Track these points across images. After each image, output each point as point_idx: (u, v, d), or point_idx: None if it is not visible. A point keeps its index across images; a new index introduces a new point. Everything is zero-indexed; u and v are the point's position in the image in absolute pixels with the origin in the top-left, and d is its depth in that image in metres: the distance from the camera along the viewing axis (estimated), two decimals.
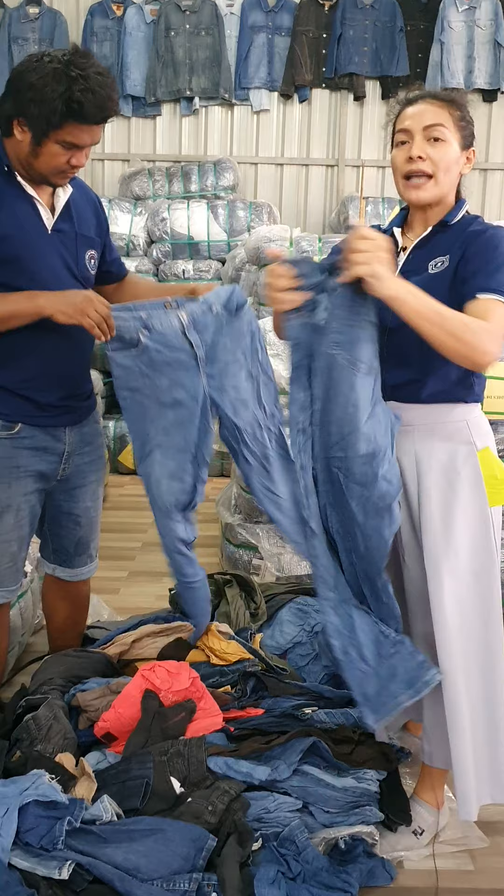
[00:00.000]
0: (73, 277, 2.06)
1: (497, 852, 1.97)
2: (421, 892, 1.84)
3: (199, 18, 5.98)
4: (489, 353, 1.59)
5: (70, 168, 1.94)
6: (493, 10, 5.96)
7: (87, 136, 1.90)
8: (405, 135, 1.78)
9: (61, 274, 2.03)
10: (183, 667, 2.17)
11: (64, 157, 1.91)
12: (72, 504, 2.24)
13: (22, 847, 1.67)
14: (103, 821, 1.76)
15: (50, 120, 1.84)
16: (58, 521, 2.26)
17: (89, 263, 2.12)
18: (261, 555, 3.22)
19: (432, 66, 6.01)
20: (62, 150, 1.90)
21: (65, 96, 1.81)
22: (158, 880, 1.64)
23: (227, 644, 2.42)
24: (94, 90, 1.83)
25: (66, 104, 1.82)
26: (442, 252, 1.78)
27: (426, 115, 1.75)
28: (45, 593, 2.43)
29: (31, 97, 1.83)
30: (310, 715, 2.13)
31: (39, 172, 1.95)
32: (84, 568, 2.35)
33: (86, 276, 2.11)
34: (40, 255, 1.99)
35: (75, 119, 1.85)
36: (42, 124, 1.86)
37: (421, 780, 2.02)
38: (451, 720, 1.78)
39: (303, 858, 1.77)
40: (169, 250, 5.34)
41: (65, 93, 1.81)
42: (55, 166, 1.92)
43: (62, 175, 1.96)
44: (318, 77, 6.15)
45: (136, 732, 2.00)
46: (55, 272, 2.02)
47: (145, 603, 3.17)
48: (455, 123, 1.76)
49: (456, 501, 1.79)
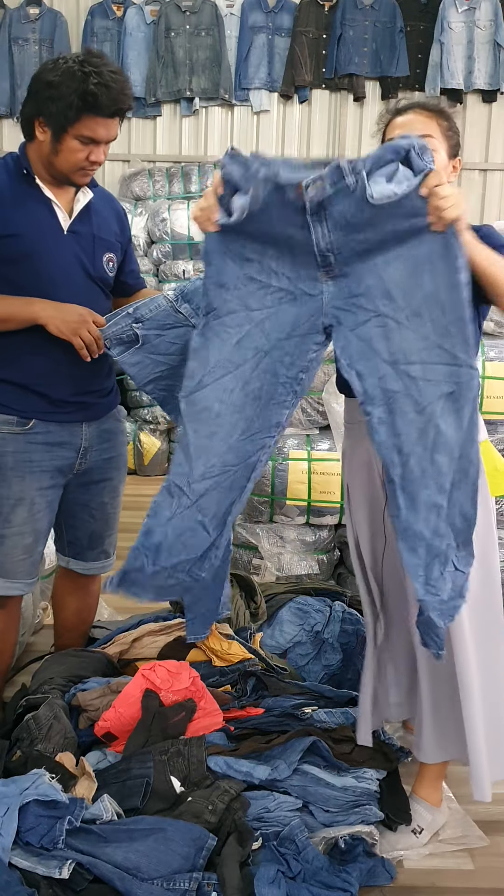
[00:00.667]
0: (89, 277, 2.09)
1: (497, 852, 1.97)
2: (421, 891, 1.84)
3: (200, 19, 5.98)
4: None
5: (90, 165, 1.99)
6: (493, 10, 5.96)
7: (104, 129, 1.96)
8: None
9: (74, 273, 2.06)
10: (183, 666, 2.18)
11: (82, 152, 1.96)
12: (87, 497, 2.25)
13: (22, 846, 1.67)
14: (103, 820, 1.76)
15: (67, 115, 1.92)
16: (72, 513, 2.27)
17: (107, 265, 2.15)
18: (261, 555, 3.22)
19: (432, 66, 6.01)
20: (80, 146, 1.96)
21: (80, 90, 1.89)
22: (158, 879, 1.64)
23: (228, 644, 2.43)
24: (107, 84, 1.90)
25: (82, 97, 1.89)
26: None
27: (415, 125, 1.78)
28: (56, 588, 2.45)
29: (49, 95, 1.92)
30: (310, 714, 2.13)
31: (61, 171, 2.00)
32: (98, 563, 2.35)
33: (103, 277, 2.13)
34: (54, 254, 2.03)
35: (90, 111, 1.91)
36: (60, 120, 1.93)
37: (419, 779, 2.03)
38: (464, 703, 1.81)
39: (303, 858, 1.78)
40: (169, 250, 5.35)
41: (80, 87, 1.89)
42: (74, 163, 1.97)
43: (82, 173, 2.01)
44: (317, 78, 6.16)
45: (137, 732, 2.00)
46: (68, 271, 2.05)
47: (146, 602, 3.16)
48: (443, 133, 1.79)
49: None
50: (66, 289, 2.03)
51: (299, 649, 2.54)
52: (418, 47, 6.10)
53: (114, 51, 5.99)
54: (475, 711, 1.82)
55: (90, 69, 1.90)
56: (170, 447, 5.29)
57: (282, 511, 3.17)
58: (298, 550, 3.23)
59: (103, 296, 2.16)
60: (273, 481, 3.15)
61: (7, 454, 2.08)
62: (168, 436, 5.31)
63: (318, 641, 2.54)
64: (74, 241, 2.07)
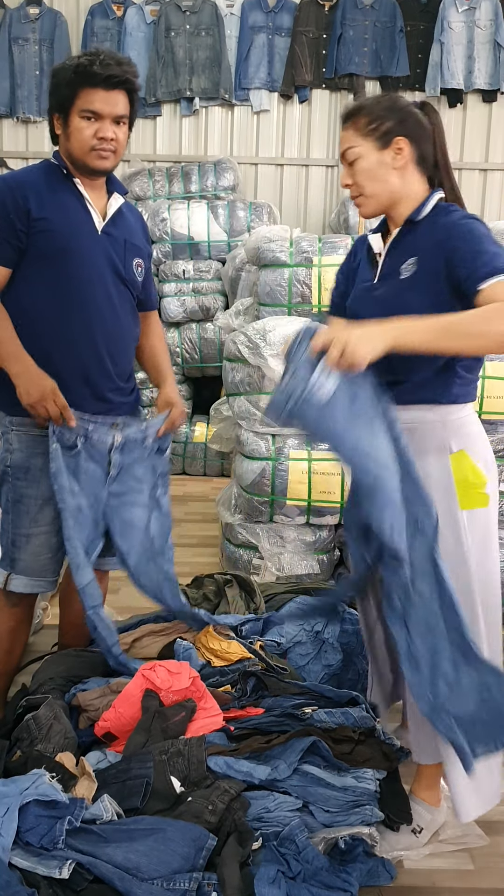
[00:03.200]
0: (120, 279, 2.14)
1: (497, 852, 1.97)
2: (421, 891, 1.85)
3: (200, 19, 5.98)
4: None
5: (99, 143, 2.02)
6: (493, 10, 5.96)
7: (102, 101, 2.00)
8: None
9: (106, 274, 2.11)
10: (183, 666, 2.18)
11: (89, 129, 2.02)
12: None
13: (22, 846, 1.67)
14: (103, 820, 1.76)
15: (65, 93, 2.01)
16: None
17: (136, 270, 2.20)
18: (261, 555, 3.22)
19: (432, 66, 6.01)
20: (85, 123, 2.02)
21: (74, 66, 2.00)
22: (158, 879, 1.64)
23: (227, 644, 2.43)
24: (102, 58, 1.99)
25: (74, 71, 1.99)
26: (411, 252, 1.77)
27: (341, 142, 1.83)
28: (64, 586, 2.45)
29: (54, 83, 2.04)
30: (310, 714, 2.13)
31: (78, 158, 2.05)
32: (111, 558, 2.35)
33: (132, 281, 2.19)
34: (87, 252, 2.08)
35: (85, 83, 1.98)
36: (62, 101, 2.02)
37: (416, 779, 2.03)
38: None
39: (303, 858, 1.78)
40: (169, 250, 5.34)
41: (74, 64, 2.00)
42: (84, 142, 2.03)
43: (96, 154, 2.04)
44: (318, 77, 6.16)
45: (137, 732, 2.00)
46: (100, 271, 2.10)
47: (146, 602, 3.16)
48: (361, 133, 1.78)
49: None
50: (99, 287, 2.09)
51: (299, 649, 2.54)
52: (418, 47, 6.10)
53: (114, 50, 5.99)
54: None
55: (90, 53, 2.00)
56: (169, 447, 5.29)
57: (282, 511, 3.17)
58: (298, 550, 3.23)
59: (132, 298, 2.22)
60: (273, 481, 3.15)
61: (37, 455, 2.14)
62: None
63: (318, 641, 2.54)
64: (108, 241, 2.12)
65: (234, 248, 5.20)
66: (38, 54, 5.96)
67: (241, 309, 3.84)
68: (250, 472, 3.18)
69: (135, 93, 2.08)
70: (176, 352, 5.25)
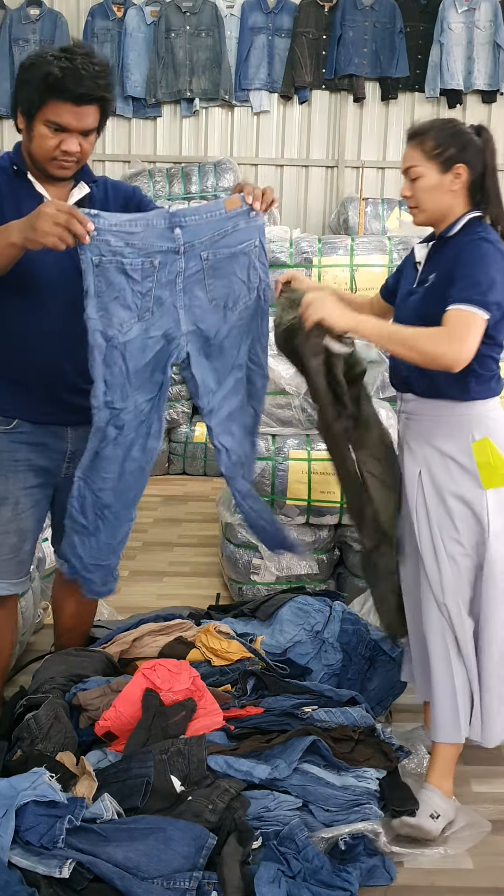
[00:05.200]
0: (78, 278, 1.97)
1: (497, 852, 1.97)
2: (421, 891, 1.85)
3: (200, 20, 5.99)
4: (445, 354, 1.80)
5: (62, 155, 1.91)
6: (493, 11, 5.97)
7: (71, 117, 1.87)
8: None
9: (67, 271, 1.97)
10: (183, 665, 2.18)
11: (52, 139, 1.89)
12: None
13: (22, 846, 1.67)
14: (104, 819, 1.76)
15: (33, 98, 1.86)
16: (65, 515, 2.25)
17: None
18: (260, 554, 3.22)
19: (432, 67, 6.02)
20: (49, 133, 1.89)
21: (44, 73, 1.83)
22: (159, 879, 1.64)
23: (227, 643, 2.43)
24: (76, 68, 1.82)
25: (44, 80, 1.83)
26: (438, 265, 1.96)
27: (405, 159, 1.99)
28: (55, 589, 2.45)
29: (22, 79, 1.89)
30: (310, 714, 2.13)
31: (38, 162, 1.95)
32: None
33: None
34: (44, 253, 1.92)
35: (54, 95, 1.84)
36: (27, 104, 1.88)
37: (431, 767, 2.05)
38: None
39: (303, 857, 1.78)
40: None
41: (45, 70, 1.83)
42: (46, 150, 1.91)
43: (56, 164, 1.94)
44: (317, 78, 6.16)
45: (137, 731, 2.00)
46: (61, 270, 1.99)
47: (146, 602, 3.17)
48: (426, 155, 1.94)
49: (452, 484, 1.97)
50: (59, 287, 1.99)
51: (299, 649, 2.54)
52: (418, 48, 6.11)
53: (114, 51, 5.99)
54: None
55: (63, 55, 1.84)
56: (170, 447, 5.29)
57: (282, 511, 3.17)
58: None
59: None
60: (273, 481, 3.15)
61: None
62: (168, 435, 5.32)
63: (318, 641, 2.54)
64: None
65: None
66: None
67: None
68: None
69: (108, 102, 1.95)
70: None
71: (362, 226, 5.37)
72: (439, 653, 2.00)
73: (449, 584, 1.97)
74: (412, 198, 2.00)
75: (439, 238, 2.00)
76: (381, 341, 1.91)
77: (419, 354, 1.83)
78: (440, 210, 1.98)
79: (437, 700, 2.02)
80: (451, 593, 1.97)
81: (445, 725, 2.01)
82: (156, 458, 2.11)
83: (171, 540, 4.02)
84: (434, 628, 2.00)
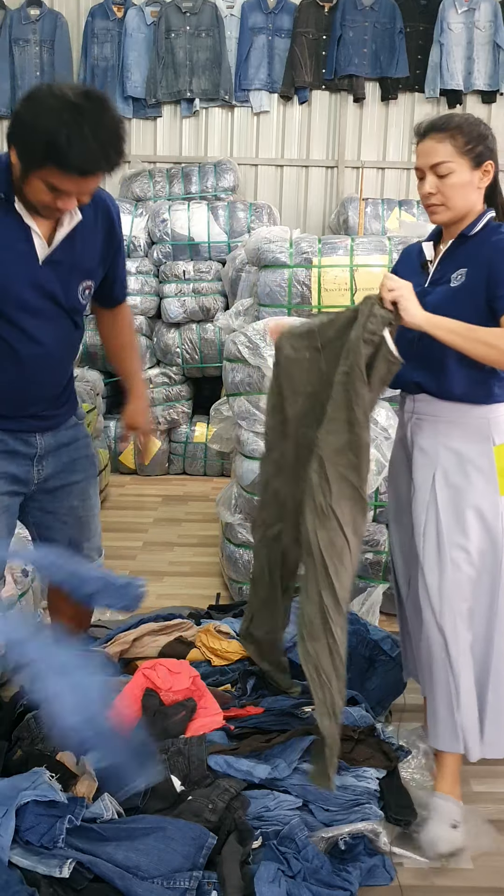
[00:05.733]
0: (60, 308, 2.00)
1: (497, 852, 1.97)
2: (421, 891, 1.85)
3: (200, 20, 5.99)
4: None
5: (58, 209, 1.81)
6: (493, 11, 5.97)
7: (72, 184, 1.74)
8: (419, 172, 1.95)
9: (45, 305, 1.96)
10: (183, 665, 2.18)
11: (48, 196, 1.77)
12: (55, 504, 2.18)
13: (22, 845, 1.67)
14: (104, 819, 1.77)
15: (31, 158, 1.72)
16: (44, 524, 2.21)
17: (83, 294, 2.03)
18: None
19: (432, 67, 6.01)
20: (46, 190, 1.76)
21: (49, 138, 1.66)
22: (159, 878, 1.64)
23: (227, 643, 2.43)
24: (85, 138, 1.66)
25: (47, 147, 1.67)
26: (461, 264, 1.93)
27: (431, 154, 1.91)
28: (49, 595, 2.43)
29: (23, 123, 1.72)
30: (310, 713, 2.13)
31: (30, 201, 1.82)
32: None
33: (74, 307, 2.03)
34: (25, 286, 1.91)
35: (55, 164, 1.70)
36: (25, 158, 1.74)
37: (440, 776, 2.04)
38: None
39: (303, 857, 1.78)
40: (169, 251, 5.35)
41: (50, 133, 1.66)
42: (41, 202, 1.80)
43: (50, 212, 1.84)
44: (317, 78, 6.16)
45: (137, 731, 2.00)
46: (38, 303, 1.95)
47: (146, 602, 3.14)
48: (459, 150, 1.90)
49: (469, 489, 1.95)
50: (37, 318, 1.95)
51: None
52: (418, 48, 6.11)
53: (114, 52, 5.99)
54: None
55: (71, 116, 1.65)
56: (170, 447, 5.30)
57: None
58: None
59: (73, 325, 2.06)
60: None
61: None
62: (168, 436, 5.32)
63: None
64: (50, 270, 1.93)
65: (235, 248, 5.21)
66: (38, 55, 5.96)
67: (241, 310, 3.85)
68: (250, 472, 3.18)
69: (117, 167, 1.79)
70: (176, 352, 5.25)
71: (362, 226, 5.36)
72: (439, 662, 1.96)
73: (447, 592, 1.93)
74: (438, 194, 1.92)
75: (460, 236, 1.96)
76: (455, 339, 1.79)
77: (494, 351, 1.77)
78: (467, 208, 1.94)
79: (436, 707, 1.98)
80: (449, 602, 1.93)
81: (444, 733, 1.97)
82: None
83: (171, 540, 4.02)
84: (434, 641, 1.96)
